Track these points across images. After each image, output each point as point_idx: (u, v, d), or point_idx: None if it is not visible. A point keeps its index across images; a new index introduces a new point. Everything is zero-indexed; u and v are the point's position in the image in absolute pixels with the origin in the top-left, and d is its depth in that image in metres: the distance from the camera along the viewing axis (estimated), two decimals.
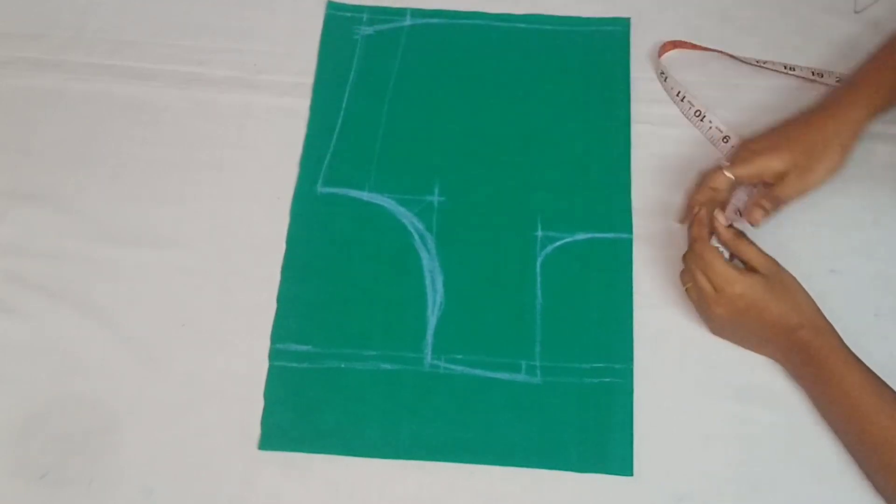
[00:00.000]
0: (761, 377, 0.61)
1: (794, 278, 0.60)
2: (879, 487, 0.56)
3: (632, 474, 0.59)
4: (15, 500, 0.59)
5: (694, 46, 0.73)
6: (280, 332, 0.64)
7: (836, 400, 0.57)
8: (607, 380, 0.61)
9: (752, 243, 0.61)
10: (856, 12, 0.75)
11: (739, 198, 0.65)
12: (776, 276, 0.60)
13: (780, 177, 0.61)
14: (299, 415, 0.61)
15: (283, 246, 0.66)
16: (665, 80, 0.72)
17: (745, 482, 0.58)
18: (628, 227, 0.66)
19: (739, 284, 0.59)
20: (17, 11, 0.76)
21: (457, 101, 0.72)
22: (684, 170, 0.68)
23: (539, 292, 0.64)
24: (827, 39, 0.74)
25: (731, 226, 0.62)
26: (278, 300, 0.65)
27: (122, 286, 0.65)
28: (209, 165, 0.70)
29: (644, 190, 0.68)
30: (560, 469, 0.59)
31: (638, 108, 0.71)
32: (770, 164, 0.61)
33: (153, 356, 0.63)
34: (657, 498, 0.58)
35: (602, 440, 0.60)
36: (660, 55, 0.73)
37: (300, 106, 0.72)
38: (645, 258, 0.65)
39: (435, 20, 0.76)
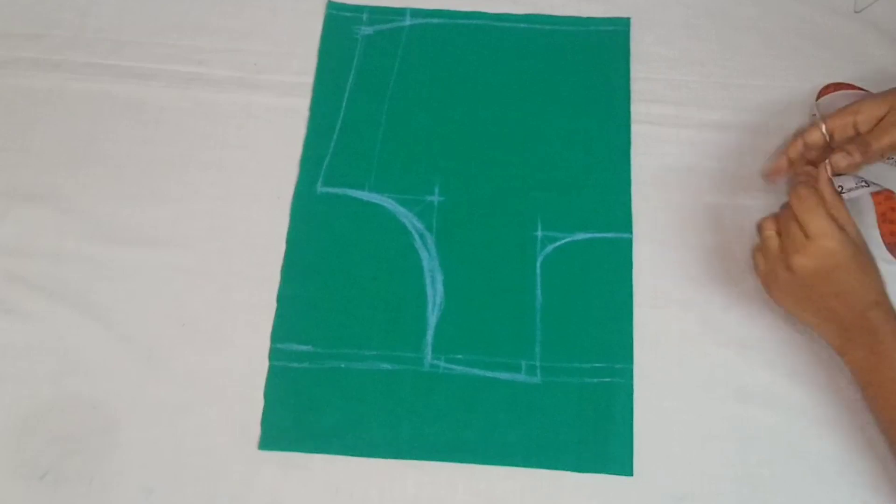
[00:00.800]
0: (761, 377, 0.61)
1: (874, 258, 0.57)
2: None
3: (632, 474, 0.59)
4: (15, 500, 0.59)
5: (853, 87, 0.69)
6: (280, 332, 0.64)
7: (889, 399, 0.55)
8: (607, 380, 0.61)
9: (846, 209, 0.58)
10: (856, 12, 0.75)
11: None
12: (866, 248, 0.57)
13: (877, 121, 0.59)
14: (299, 415, 0.61)
15: (283, 246, 0.66)
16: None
17: (745, 482, 0.58)
18: (628, 227, 0.66)
19: (835, 239, 0.55)
20: (17, 11, 0.76)
21: (457, 101, 0.72)
22: (684, 170, 0.68)
23: (539, 292, 0.64)
24: (827, 39, 0.74)
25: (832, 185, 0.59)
26: (278, 300, 0.65)
27: (122, 286, 0.65)
28: (209, 165, 0.70)
29: (644, 190, 0.68)
30: (560, 469, 0.59)
31: (638, 108, 0.71)
32: (864, 107, 0.59)
33: (153, 356, 0.63)
34: (657, 498, 0.58)
35: (602, 440, 0.60)
36: (818, 97, 0.69)
37: (300, 106, 0.72)
38: (645, 258, 0.65)
39: (435, 20, 0.76)
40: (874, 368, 0.56)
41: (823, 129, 0.60)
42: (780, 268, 0.57)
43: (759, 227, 0.60)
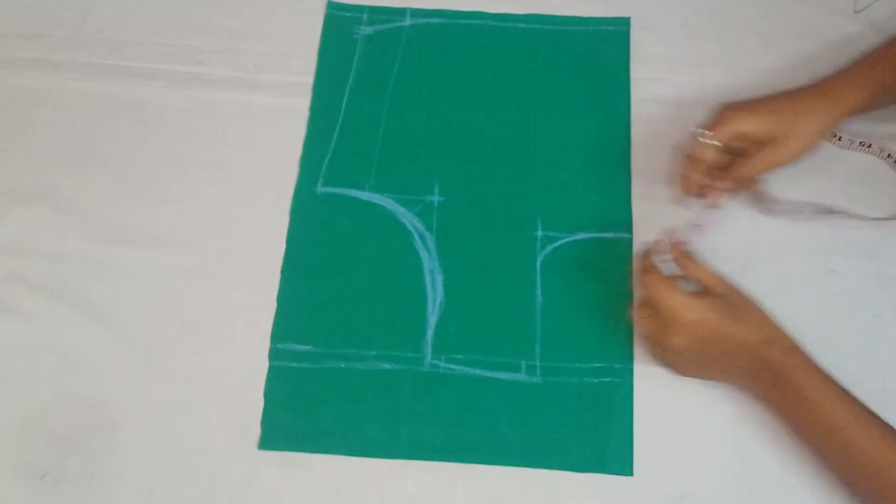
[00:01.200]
0: None
1: (750, 296, 0.57)
2: None
3: (632, 474, 0.59)
4: (15, 500, 0.59)
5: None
6: (280, 331, 0.64)
7: (813, 422, 0.55)
8: (607, 380, 0.61)
9: (702, 264, 0.58)
10: (856, 12, 0.75)
11: (697, 215, 0.64)
12: (732, 296, 0.57)
13: (755, 143, 0.60)
14: (299, 414, 0.61)
15: (283, 246, 0.66)
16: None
17: (745, 482, 0.58)
18: (628, 227, 0.66)
19: (695, 310, 0.55)
20: (17, 11, 0.76)
21: (457, 101, 0.72)
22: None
23: (539, 292, 0.64)
24: (827, 39, 0.74)
25: (680, 246, 0.60)
26: (278, 300, 0.65)
27: (122, 286, 0.65)
28: (209, 165, 0.70)
29: (644, 190, 0.68)
30: (560, 469, 0.59)
31: (638, 108, 0.71)
32: (747, 125, 0.60)
33: (153, 356, 0.63)
34: (657, 498, 0.58)
35: (602, 440, 0.60)
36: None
37: (300, 106, 0.72)
38: None
39: (435, 20, 0.76)
40: (788, 403, 0.56)
41: (709, 140, 0.61)
42: (665, 352, 0.58)
43: (632, 317, 0.60)
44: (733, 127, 0.61)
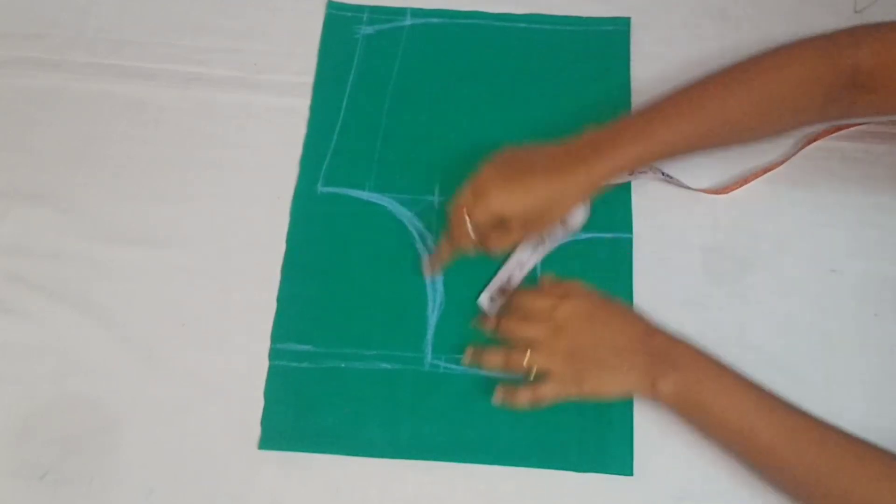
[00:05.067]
0: (760, 377, 0.61)
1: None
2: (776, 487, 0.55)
3: (632, 474, 0.59)
4: (15, 500, 0.59)
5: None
6: (280, 331, 0.64)
7: (711, 403, 0.55)
8: None
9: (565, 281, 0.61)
10: (856, 12, 0.75)
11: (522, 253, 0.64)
12: (595, 293, 0.59)
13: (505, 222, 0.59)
14: (299, 414, 0.61)
15: (283, 246, 0.66)
16: None
17: (745, 482, 0.58)
18: (628, 227, 0.66)
19: (564, 305, 0.58)
20: (17, 11, 0.76)
21: (457, 101, 0.72)
22: (685, 170, 0.68)
23: None
24: None
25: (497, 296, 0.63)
26: (278, 300, 0.65)
27: (121, 286, 0.65)
28: (209, 165, 0.70)
29: (644, 190, 0.68)
30: (560, 469, 0.59)
31: None
32: (504, 208, 0.58)
33: (153, 356, 0.63)
34: (657, 498, 0.58)
35: (602, 440, 0.60)
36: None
37: (300, 106, 0.72)
38: (645, 258, 0.65)
39: (435, 20, 0.76)
40: (684, 389, 0.55)
41: (470, 229, 0.60)
42: (552, 351, 0.57)
43: (513, 367, 0.59)
44: (493, 211, 0.59)
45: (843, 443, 0.52)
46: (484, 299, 0.63)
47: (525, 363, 0.57)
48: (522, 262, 0.63)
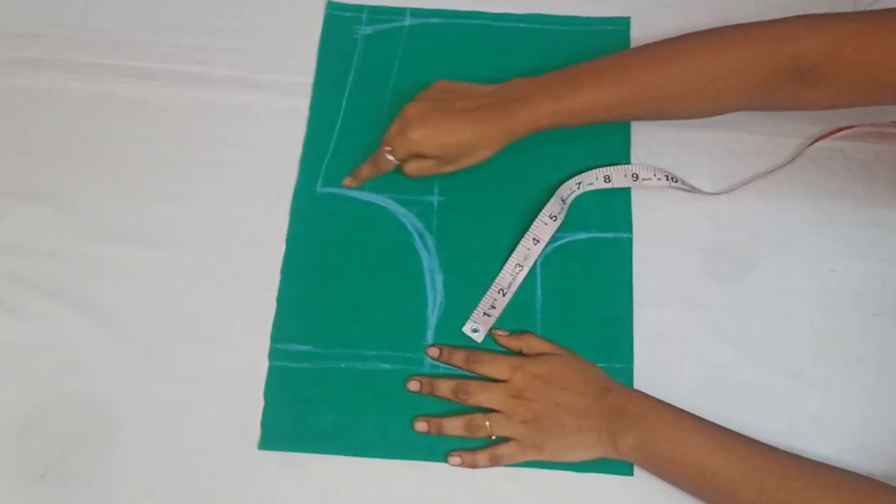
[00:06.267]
0: (760, 377, 0.61)
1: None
2: None
3: (632, 474, 0.59)
4: (15, 500, 0.59)
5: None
6: (280, 332, 0.64)
7: (672, 452, 0.55)
8: None
9: (536, 339, 0.62)
10: None
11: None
12: (564, 352, 0.60)
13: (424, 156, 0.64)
14: (299, 415, 0.61)
15: (283, 246, 0.66)
16: None
17: None
18: (628, 227, 0.66)
19: (520, 372, 0.59)
20: (17, 11, 0.76)
21: None
22: (685, 170, 0.68)
23: (539, 292, 0.64)
24: None
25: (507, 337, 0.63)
26: (278, 300, 0.65)
27: (121, 286, 0.65)
28: (209, 165, 0.70)
29: (644, 190, 0.68)
30: (560, 469, 0.59)
31: None
32: (425, 148, 0.63)
33: (153, 356, 0.63)
34: (657, 498, 0.58)
35: None
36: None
37: (300, 105, 0.72)
38: (645, 258, 0.65)
39: (435, 20, 0.76)
40: (643, 441, 0.56)
41: (391, 158, 0.65)
42: (518, 422, 0.58)
43: (478, 432, 0.59)
44: (413, 148, 0.63)
45: (806, 473, 0.52)
46: (468, 329, 0.63)
47: (487, 432, 0.59)
48: (504, 287, 0.64)
